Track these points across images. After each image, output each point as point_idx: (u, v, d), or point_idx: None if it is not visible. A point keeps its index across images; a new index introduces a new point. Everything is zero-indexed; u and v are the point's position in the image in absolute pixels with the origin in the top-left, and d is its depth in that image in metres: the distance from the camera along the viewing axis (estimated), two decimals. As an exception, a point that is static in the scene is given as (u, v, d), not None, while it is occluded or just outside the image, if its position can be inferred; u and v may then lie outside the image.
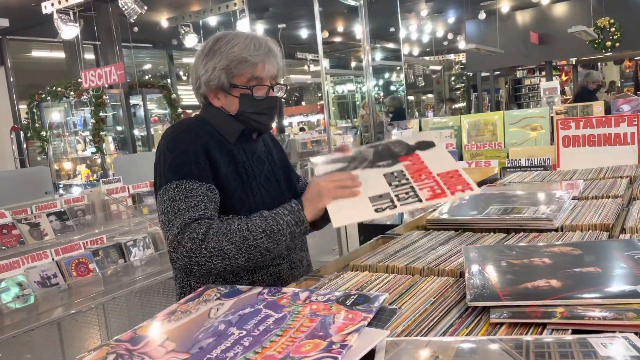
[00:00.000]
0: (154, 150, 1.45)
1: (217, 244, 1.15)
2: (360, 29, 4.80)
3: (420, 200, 1.19)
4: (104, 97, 7.96)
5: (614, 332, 0.66)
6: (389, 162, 1.34)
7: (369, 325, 0.71)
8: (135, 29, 8.77)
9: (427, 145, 1.38)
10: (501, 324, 0.73)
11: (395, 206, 1.16)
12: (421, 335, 0.73)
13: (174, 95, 9.21)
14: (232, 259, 1.16)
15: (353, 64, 13.74)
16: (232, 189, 1.30)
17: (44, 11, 6.45)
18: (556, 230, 1.20)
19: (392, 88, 13.66)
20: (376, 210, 1.18)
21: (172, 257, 1.20)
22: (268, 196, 1.37)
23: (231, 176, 1.32)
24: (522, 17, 12.23)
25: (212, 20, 8.86)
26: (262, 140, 1.47)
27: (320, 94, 14.12)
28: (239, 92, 1.33)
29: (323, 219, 1.29)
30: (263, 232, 1.18)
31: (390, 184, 1.26)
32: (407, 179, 1.27)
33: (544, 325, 0.71)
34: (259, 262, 1.26)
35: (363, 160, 1.35)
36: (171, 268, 1.49)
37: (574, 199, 1.46)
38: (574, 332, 0.69)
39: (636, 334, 0.65)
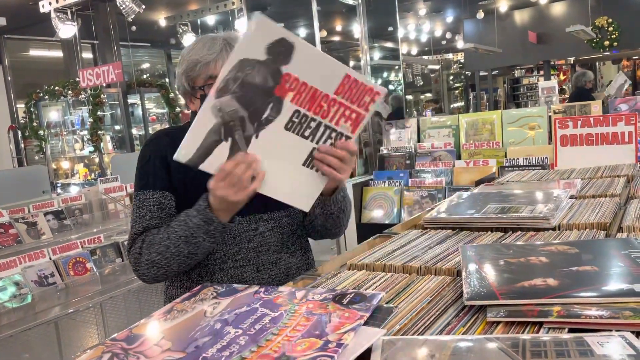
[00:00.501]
0: None
1: (149, 256, 1.25)
2: (358, 28, 4.80)
3: (349, 137, 1.16)
4: (102, 96, 7.94)
5: (610, 330, 0.66)
6: (272, 106, 1.11)
7: (366, 324, 0.71)
8: (133, 28, 8.76)
9: (284, 49, 1.08)
10: (498, 323, 0.73)
11: None
12: (418, 334, 0.73)
13: (172, 95, 9.19)
14: (164, 267, 1.24)
15: (351, 63, 13.72)
16: (190, 193, 1.27)
17: (42, 10, 6.43)
18: (553, 229, 1.20)
19: (391, 87, 13.66)
20: (323, 174, 1.17)
21: None
22: None
23: (189, 181, 1.32)
24: (520, 17, 12.24)
25: (210, 19, 8.86)
26: None
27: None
28: (199, 94, 1.35)
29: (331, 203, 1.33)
30: (179, 238, 1.21)
31: (303, 136, 1.14)
32: (314, 120, 1.13)
33: (541, 324, 0.71)
34: (193, 264, 1.28)
35: (238, 122, 1.11)
36: None
37: (571, 197, 1.46)
38: (571, 330, 0.69)
39: (633, 332, 0.65)
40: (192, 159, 1.10)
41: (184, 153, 1.10)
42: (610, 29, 10.81)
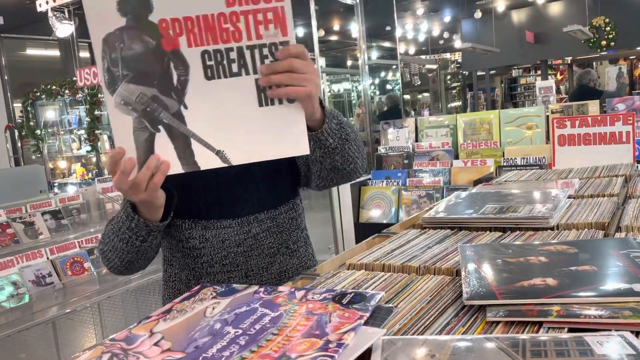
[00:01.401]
0: None
1: (100, 247, 1.25)
2: (356, 28, 4.80)
3: (285, 43, 0.93)
4: (99, 95, 7.93)
5: (610, 330, 0.66)
6: (174, 64, 0.92)
7: (366, 323, 0.71)
8: (131, 27, 8.73)
9: None
10: (497, 323, 0.73)
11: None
12: (417, 334, 0.73)
13: (169, 94, 9.16)
14: (110, 260, 1.20)
15: (349, 62, 13.75)
16: (178, 190, 1.16)
17: (39, 9, 6.42)
18: (552, 228, 1.20)
19: (388, 87, 13.68)
20: (288, 100, 0.95)
21: None
22: (226, 195, 1.25)
23: (177, 175, 1.10)
24: (518, 16, 12.26)
25: (208, 19, 8.83)
26: None
27: (316, 93, 14.04)
28: None
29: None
30: (113, 232, 1.16)
31: (233, 74, 0.93)
32: (230, 49, 0.92)
33: (540, 323, 0.71)
34: (138, 258, 1.19)
35: (153, 103, 0.93)
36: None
37: (569, 197, 1.46)
38: (570, 330, 0.69)
39: (632, 332, 0.65)
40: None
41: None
42: (608, 28, 10.84)
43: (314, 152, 1.14)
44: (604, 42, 10.93)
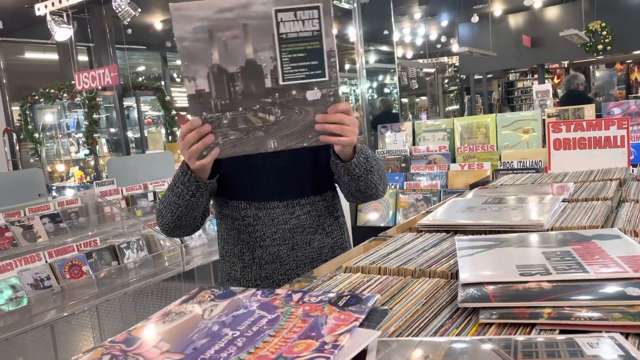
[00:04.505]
0: (148, 152, 1.58)
1: (157, 209, 1.49)
2: (354, 32, 4.82)
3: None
4: (98, 99, 7.94)
5: (600, 332, 0.68)
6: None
7: (361, 325, 0.72)
8: (129, 30, 8.76)
9: None
10: (490, 325, 0.74)
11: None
12: (412, 336, 0.74)
13: (167, 97, 9.19)
14: (164, 217, 1.44)
15: (347, 66, 13.79)
16: (236, 176, 1.50)
17: (37, 13, 6.44)
18: (546, 232, 1.22)
19: (386, 90, 13.70)
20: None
21: None
22: (275, 182, 1.52)
23: (235, 164, 1.46)
24: (515, 21, 12.31)
25: (206, 23, 8.84)
26: None
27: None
28: None
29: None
30: (169, 189, 1.40)
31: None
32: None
33: (533, 325, 0.72)
34: (187, 215, 1.42)
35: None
36: (164, 271, 1.72)
37: (564, 201, 1.47)
38: (562, 332, 0.70)
39: (622, 334, 0.66)
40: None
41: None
42: (604, 33, 10.89)
43: (342, 177, 1.45)
44: (600, 46, 10.97)
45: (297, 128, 1.23)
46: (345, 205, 1.71)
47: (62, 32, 6.44)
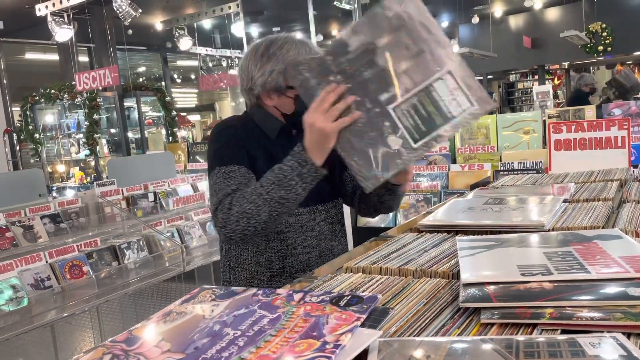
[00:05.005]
0: (148, 152, 1.55)
1: (240, 207, 1.30)
2: (354, 33, 4.82)
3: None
4: (98, 99, 7.94)
5: (602, 332, 0.68)
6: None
7: (362, 325, 0.72)
8: (130, 31, 8.77)
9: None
10: (492, 325, 0.74)
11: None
12: (413, 336, 0.74)
13: (168, 98, 9.19)
14: (255, 216, 1.29)
15: (347, 67, 13.73)
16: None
17: (38, 14, 6.44)
18: (547, 232, 1.21)
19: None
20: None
21: (216, 230, 1.38)
22: None
23: (267, 168, 1.39)
24: (515, 22, 12.30)
25: (207, 23, 8.88)
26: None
27: (314, 97, 14.01)
28: (294, 94, 1.44)
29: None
30: (272, 183, 1.28)
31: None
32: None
33: (534, 325, 0.72)
34: (283, 213, 1.32)
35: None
36: (164, 271, 1.64)
37: (564, 201, 1.47)
38: (564, 332, 0.70)
39: (624, 333, 0.66)
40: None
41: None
42: (604, 34, 10.88)
43: (382, 196, 1.49)
44: (600, 48, 10.97)
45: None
46: (344, 206, 1.71)
47: (63, 33, 6.44)
